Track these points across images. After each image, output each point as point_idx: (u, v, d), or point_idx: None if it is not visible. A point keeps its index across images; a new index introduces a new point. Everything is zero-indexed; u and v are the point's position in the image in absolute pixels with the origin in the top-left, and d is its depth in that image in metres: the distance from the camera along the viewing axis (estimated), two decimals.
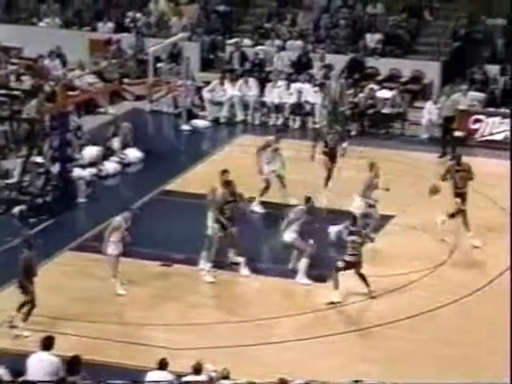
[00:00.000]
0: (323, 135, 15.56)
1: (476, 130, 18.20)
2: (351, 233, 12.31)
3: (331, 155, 15.23)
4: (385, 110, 18.82)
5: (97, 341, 11.32)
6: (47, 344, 9.49)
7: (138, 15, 22.25)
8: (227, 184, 13.13)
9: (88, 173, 16.11)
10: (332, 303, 12.11)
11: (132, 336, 11.53)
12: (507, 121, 17.98)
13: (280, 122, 19.22)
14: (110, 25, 22.21)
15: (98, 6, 22.85)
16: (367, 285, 12.32)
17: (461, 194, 13.74)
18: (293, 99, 19.17)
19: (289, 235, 12.83)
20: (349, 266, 12.25)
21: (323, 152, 15.27)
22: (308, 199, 13.00)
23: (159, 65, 19.96)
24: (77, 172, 15.70)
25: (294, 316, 12.02)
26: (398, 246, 13.89)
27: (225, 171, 13.43)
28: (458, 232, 13.97)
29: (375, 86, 19.25)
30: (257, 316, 11.99)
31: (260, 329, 11.74)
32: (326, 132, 15.50)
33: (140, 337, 11.54)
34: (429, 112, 18.46)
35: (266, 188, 14.86)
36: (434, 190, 13.78)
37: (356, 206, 13.66)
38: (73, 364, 9.14)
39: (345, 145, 15.59)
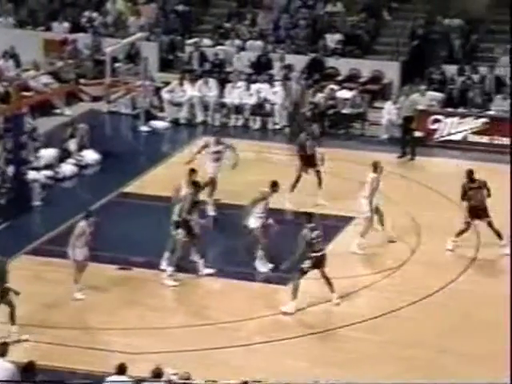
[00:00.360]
0: (302, 141, 15.15)
1: (435, 130, 18.39)
2: (313, 229, 12.29)
3: (309, 160, 15.01)
4: (345, 111, 18.93)
5: (56, 347, 11.18)
6: (1, 350, 9.35)
7: (95, 15, 22.06)
8: (195, 185, 13.03)
9: (43, 175, 15.93)
10: (285, 313, 12.01)
11: (91, 341, 11.43)
12: (465, 121, 18.21)
13: (240, 123, 19.21)
14: (66, 24, 21.98)
15: (53, 6, 22.60)
16: (332, 290, 12.29)
17: (477, 212, 13.45)
18: (253, 100, 19.18)
19: (252, 221, 12.77)
20: (316, 262, 12.14)
21: (300, 156, 15.03)
22: (274, 184, 12.95)
23: (117, 65, 19.83)
24: (32, 174, 15.51)
25: (257, 319, 12.01)
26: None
27: (193, 171, 13.32)
28: (418, 233, 14.10)
29: (335, 87, 19.35)
30: (220, 319, 11.96)
31: (223, 332, 11.71)
32: (305, 138, 15.35)
33: (99, 342, 11.44)
34: (388, 112, 18.58)
35: (213, 188, 14.70)
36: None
37: (361, 210, 13.59)
38: (28, 370, 9.03)
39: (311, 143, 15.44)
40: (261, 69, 20.10)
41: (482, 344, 11.36)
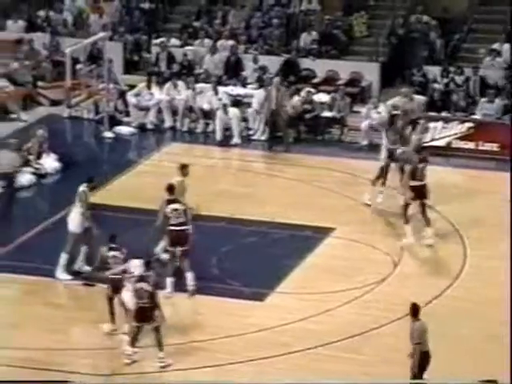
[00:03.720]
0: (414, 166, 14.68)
1: None
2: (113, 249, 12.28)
3: (420, 190, 14.35)
4: (323, 115, 18.94)
5: (9, 368, 11.08)
6: None
7: (52, 13, 21.96)
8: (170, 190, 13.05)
9: None
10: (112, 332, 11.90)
11: (48, 362, 11.34)
12: (449, 126, 18.31)
13: (211, 128, 19.17)
14: (21, 23, 21.84)
15: (7, 3, 22.42)
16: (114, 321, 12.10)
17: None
18: (224, 103, 19.12)
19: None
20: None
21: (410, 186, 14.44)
22: (90, 180, 13.27)
23: (78, 67, 19.74)
24: None
25: (230, 337, 12.00)
26: (338, 261, 14.02)
27: (184, 166, 13.51)
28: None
29: (312, 90, 19.41)
30: (191, 338, 11.92)
31: (194, 351, 11.68)
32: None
33: (55, 363, 11.35)
34: (367, 116, 18.62)
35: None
36: None
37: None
38: None
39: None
40: (231, 70, 20.09)
41: (461, 361, 11.46)
